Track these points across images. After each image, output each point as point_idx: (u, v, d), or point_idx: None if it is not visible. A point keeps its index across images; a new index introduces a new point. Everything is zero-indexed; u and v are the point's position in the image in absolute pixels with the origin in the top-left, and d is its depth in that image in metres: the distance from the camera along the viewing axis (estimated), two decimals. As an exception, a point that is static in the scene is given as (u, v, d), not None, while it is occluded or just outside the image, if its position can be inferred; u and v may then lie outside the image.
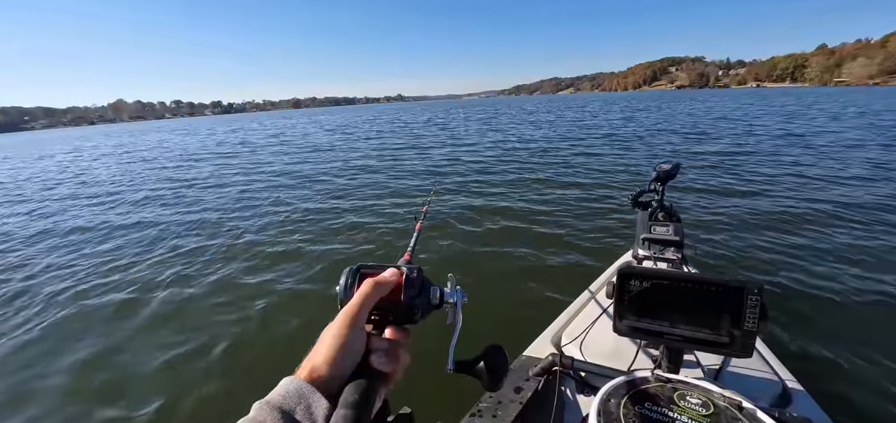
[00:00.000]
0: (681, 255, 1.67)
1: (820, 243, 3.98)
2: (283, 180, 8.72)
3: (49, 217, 6.74)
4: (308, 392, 0.38)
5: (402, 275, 0.49)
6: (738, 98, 44.00)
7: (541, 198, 6.20)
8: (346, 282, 0.49)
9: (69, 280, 4.01)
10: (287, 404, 0.36)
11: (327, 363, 0.40)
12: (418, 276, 0.49)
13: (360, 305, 0.44)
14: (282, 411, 0.36)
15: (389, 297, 0.47)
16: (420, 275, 0.50)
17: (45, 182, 10.88)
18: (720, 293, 0.67)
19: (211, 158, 14.03)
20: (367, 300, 0.44)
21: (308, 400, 0.37)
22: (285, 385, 0.38)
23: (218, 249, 4.64)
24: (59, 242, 5.35)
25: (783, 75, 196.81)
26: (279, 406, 0.36)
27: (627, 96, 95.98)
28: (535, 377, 1.26)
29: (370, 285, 0.45)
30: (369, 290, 0.45)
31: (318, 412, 0.37)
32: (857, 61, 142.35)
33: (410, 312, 0.49)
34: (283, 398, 0.37)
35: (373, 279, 0.47)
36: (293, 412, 0.36)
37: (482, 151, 11.82)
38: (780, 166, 7.59)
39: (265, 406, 0.36)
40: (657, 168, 1.95)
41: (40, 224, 6.30)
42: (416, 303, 0.48)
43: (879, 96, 35.36)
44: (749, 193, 5.92)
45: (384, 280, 0.47)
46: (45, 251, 4.97)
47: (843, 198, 5.36)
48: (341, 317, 0.43)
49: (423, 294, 0.49)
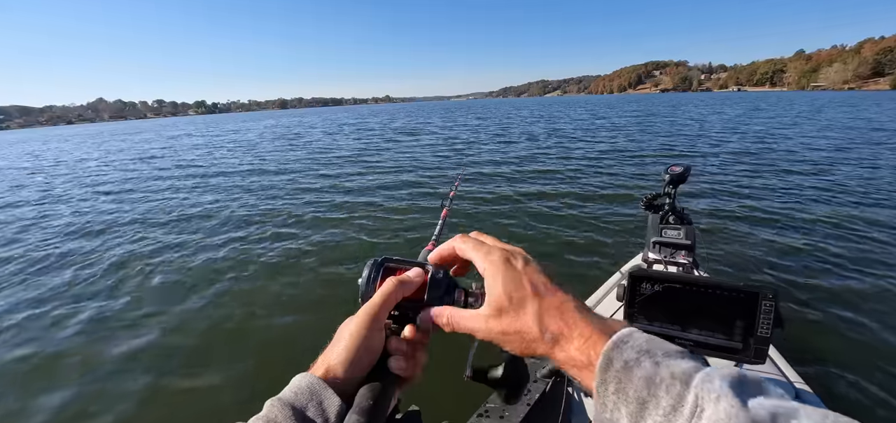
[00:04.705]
0: (692, 258, 1.64)
1: (832, 248, 4.00)
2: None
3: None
4: (320, 389, 0.37)
5: (427, 274, 0.47)
6: (746, 101, 44.86)
7: (549, 201, 6.26)
8: (369, 275, 0.47)
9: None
10: (299, 401, 0.36)
11: (343, 363, 0.39)
12: (444, 277, 0.48)
13: (382, 304, 0.43)
14: (293, 408, 0.36)
15: (412, 296, 0.46)
16: (446, 277, 0.48)
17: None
18: (734, 298, 0.64)
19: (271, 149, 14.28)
20: (389, 300, 0.43)
21: (320, 397, 0.37)
22: (298, 382, 0.38)
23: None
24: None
25: (763, 80, 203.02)
26: (291, 403, 0.36)
27: (617, 99, 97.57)
28: (542, 379, 1.25)
29: (393, 284, 0.44)
30: (392, 289, 0.44)
31: (330, 410, 0.36)
32: (834, 67, 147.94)
33: None
34: (295, 395, 0.37)
35: (396, 279, 0.45)
36: (305, 410, 0.36)
37: (490, 152, 11.96)
38: (794, 170, 7.72)
39: (277, 403, 0.36)
40: (669, 170, 1.90)
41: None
42: (439, 304, 0.46)
43: (873, 101, 36.31)
44: (761, 195, 5.99)
45: (408, 280, 0.45)
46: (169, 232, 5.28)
47: (858, 203, 5.43)
48: (361, 315, 0.42)
49: (448, 296, 0.47)
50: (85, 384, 2.57)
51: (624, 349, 0.35)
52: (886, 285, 3.27)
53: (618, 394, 0.33)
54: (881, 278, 3.37)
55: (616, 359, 0.34)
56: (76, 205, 7.59)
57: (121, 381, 2.58)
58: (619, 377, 0.33)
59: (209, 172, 10.53)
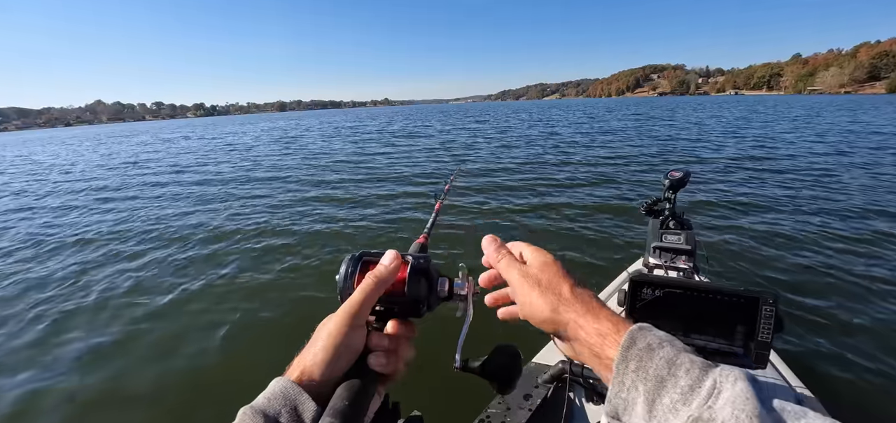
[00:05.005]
0: (692, 264, 1.65)
1: (833, 254, 3.97)
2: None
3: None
4: (294, 394, 0.36)
5: (406, 265, 0.45)
6: (751, 105, 44.94)
7: (551, 204, 6.21)
8: (347, 271, 0.45)
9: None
10: (272, 407, 0.35)
11: (320, 364, 0.38)
12: (424, 265, 0.46)
13: (362, 302, 0.41)
14: (266, 415, 0.34)
15: (393, 289, 0.44)
16: (427, 265, 0.46)
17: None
18: (734, 304, 0.65)
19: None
20: (370, 297, 0.42)
21: (294, 402, 0.35)
22: (272, 387, 0.37)
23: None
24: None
25: (760, 83, 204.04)
26: (263, 410, 0.35)
27: (616, 102, 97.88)
28: (544, 385, 1.25)
29: (373, 280, 0.43)
30: (372, 285, 0.42)
31: (305, 414, 0.35)
32: (830, 71, 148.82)
33: (415, 305, 0.45)
34: (268, 402, 0.35)
35: (375, 274, 0.43)
36: (278, 416, 0.34)
37: (494, 154, 11.88)
38: (794, 174, 7.69)
39: (249, 411, 0.35)
40: (669, 175, 1.92)
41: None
42: (420, 296, 0.45)
43: (871, 105, 36.33)
44: (761, 200, 5.92)
45: (386, 275, 0.44)
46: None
47: (858, 209, 5.38)
48: (340, 314, 0.40)
49: (429, 286, 0.46)
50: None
51: (647, 334, 0.38)
52: (889, 290, 3.24)
53: (637, 372, 0.35)
54: (884, 283, 3.34)
55: (639, 340, 0.37)
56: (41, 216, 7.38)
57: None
58: (640, 355, 0.36)
59: (195, 179, 10.31)
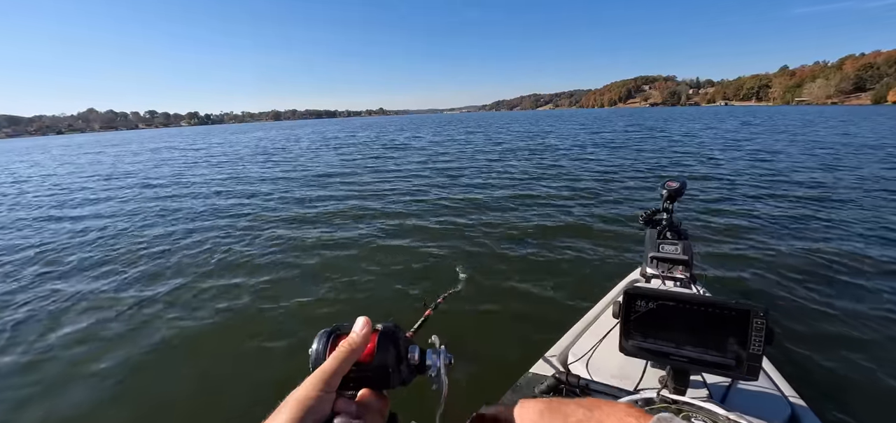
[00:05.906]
0: (689, 274, 1.64)
1: (828, 263, 3.98)
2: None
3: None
4: None
5: (376, 333, 0.44)
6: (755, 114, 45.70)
7: (548, 215, 6.21)
8: (319, 347, 0.44)
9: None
10: None
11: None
12: (393, 334, 0.45)
13: (334, 369, 0.40)
14: None
15: (363, 358, 0.43)
16: (396, 334, 0.45)
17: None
18: (726, 316, 0.66)
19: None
20: (343, 365, 0.41)
21: None
22: None
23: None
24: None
25: (749, 95, 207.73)
26: None
27: (609, 113, 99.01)
28: (540, 395, 1.25)
29: (346, 347, 0.43)
30: (345, 352, 0.42)
31: None
32: (817, 82, 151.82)
33: (384, 373, 0.44)
34: None
35: (348, 341, 0.43)
36: None
37: (489, 165, 11.80)
38: (788, 184, 7.72)
39: None
40: (665, 186, 1.95)
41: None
42: (389, 365, 0.43)
43: (861, 116, 37.42)
44: (756, 210, 5.96)
45: (359, 341, 0.43)
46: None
47: (854, 219, 5.41)
48: (313, 379, 0.39)
49: (397, 354, 0.44)
50: None
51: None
52: (884, 300, 3.25)
53: None
54: (879, 294, 3.34)
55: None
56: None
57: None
58: None
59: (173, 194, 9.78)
